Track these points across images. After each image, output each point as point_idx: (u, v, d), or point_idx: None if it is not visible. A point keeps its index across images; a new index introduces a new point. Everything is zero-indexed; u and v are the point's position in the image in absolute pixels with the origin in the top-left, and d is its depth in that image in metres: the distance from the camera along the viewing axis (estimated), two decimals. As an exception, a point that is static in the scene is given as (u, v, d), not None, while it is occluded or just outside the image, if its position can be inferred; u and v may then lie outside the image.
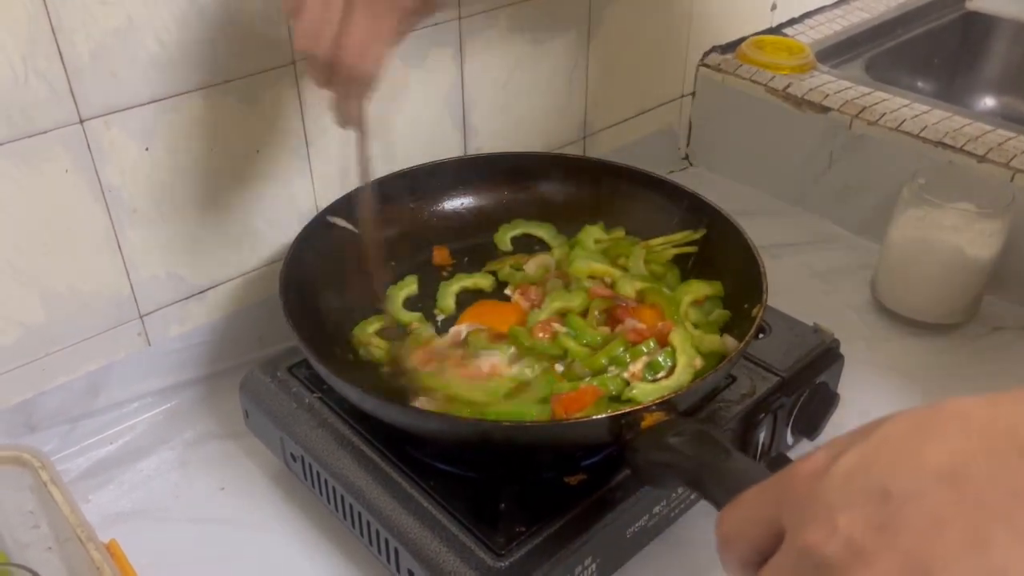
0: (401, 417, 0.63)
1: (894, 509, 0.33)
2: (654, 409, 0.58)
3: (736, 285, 0.75)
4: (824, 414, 0.74)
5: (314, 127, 0.81)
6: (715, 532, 0.42)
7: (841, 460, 0.36)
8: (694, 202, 0.81)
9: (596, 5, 0.99)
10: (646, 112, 1.14)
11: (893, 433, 0.36)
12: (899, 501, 0.33)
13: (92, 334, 0.75)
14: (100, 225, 0.71)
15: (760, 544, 0.39)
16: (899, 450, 0.35)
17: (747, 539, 0.40)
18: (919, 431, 0.36)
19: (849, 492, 0.35)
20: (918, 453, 0.34)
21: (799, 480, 0.38)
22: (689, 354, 0.69)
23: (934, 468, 0.34)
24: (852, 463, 0.36)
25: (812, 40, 1.20)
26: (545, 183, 0.88)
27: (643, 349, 0.69)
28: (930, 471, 0.34)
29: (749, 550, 0.40)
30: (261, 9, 0.73)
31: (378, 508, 0.62)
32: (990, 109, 1.36)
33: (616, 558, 0.64)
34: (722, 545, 0.41)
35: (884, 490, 0.34)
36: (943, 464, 0.34)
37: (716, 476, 0.51)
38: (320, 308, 0.74)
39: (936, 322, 0.91)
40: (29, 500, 0.63)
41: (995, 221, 0.85)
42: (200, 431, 0.80)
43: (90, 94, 0.66)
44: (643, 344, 0.70)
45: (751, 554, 0.40)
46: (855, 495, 0.35)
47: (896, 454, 0.35)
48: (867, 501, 0.34)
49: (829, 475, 0.36)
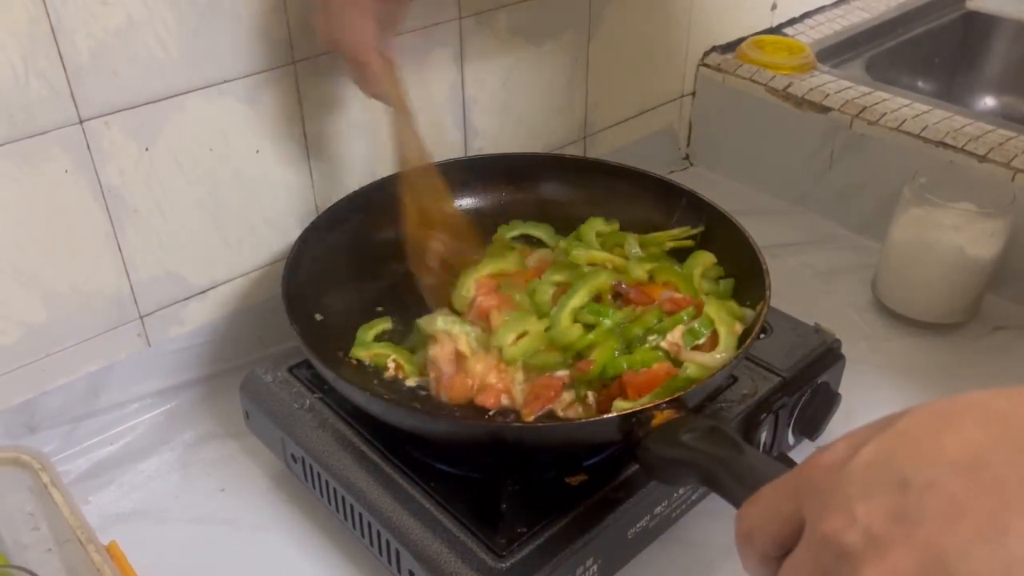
0: (408, 420, 0.63)
1: (912, 499, 0.34)
2: (664, 407, 0.57)
3: (738, 285, 0.75)
4: (825, 414, 0.74)
5: (314, 127, 0.81)
6: (735, 528, 0.42)
7: (862, 452, 0.36)
8: (694, 202, 0.81)
9: (596, 5, 0.99)
10: (646, 112, 1.14)
11: (912, 425, 0.37)
12: (917, 491, 0.34)
13: (92, 334, 0.75)
14: (100, 225, 0.71)
15: (781, 538, 0.39)
16: (918, 441, 0.36)
17: (767, 533, 0.40)
18: (937, 422, 0.36)
19: (868, 482, 0.35)
20: (936, 444, 0.35)
21: (819, 472, 0.38)
22: (728, 322, 0.68)
23: (952, 458, 0.34)
24: (872, 454, 0.36)
25: (812, 40, 1.20)
26: (544, 184, 0.88)
27: (683, 317, 0.69)
28: (948, 461, 0.34)
29: (770, 544, 0.40)
30: (261, 9, 0.73)
31: (379, 509, 0.62)
32: (990, 109, 1.36)
33: (618, 559, 0.64)
34: (742, 541, 0.41)
35: (903, 480, 0.34)
36: (961, 454, 0.34)
37: (731, 472, 0.50)
38: (321, 310, 0.74)
39: (937, 322, 0.91)
40: (29, 501, 0.63)
41: (996, 221, 0.85)
42: (200, 432, 0.80)
43: (90, 94, 0.66)
44: (683, 312, 0.69)
45: (772, 548, 0.40)
46: (874, 485, 0.35)
47: (915, 445, 0.35)
48: (886, 491, 0.34)
49: (849, 466, 0.36)
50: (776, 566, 0.39)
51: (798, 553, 0.37)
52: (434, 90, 0.89)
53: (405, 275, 0.80)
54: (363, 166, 0.86)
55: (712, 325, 0.68)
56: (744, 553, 0.42)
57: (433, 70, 0.88)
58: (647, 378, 0.64)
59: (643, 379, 0.64)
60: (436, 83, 0.89)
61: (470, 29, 0.88)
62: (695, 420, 0.56)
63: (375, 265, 0.81)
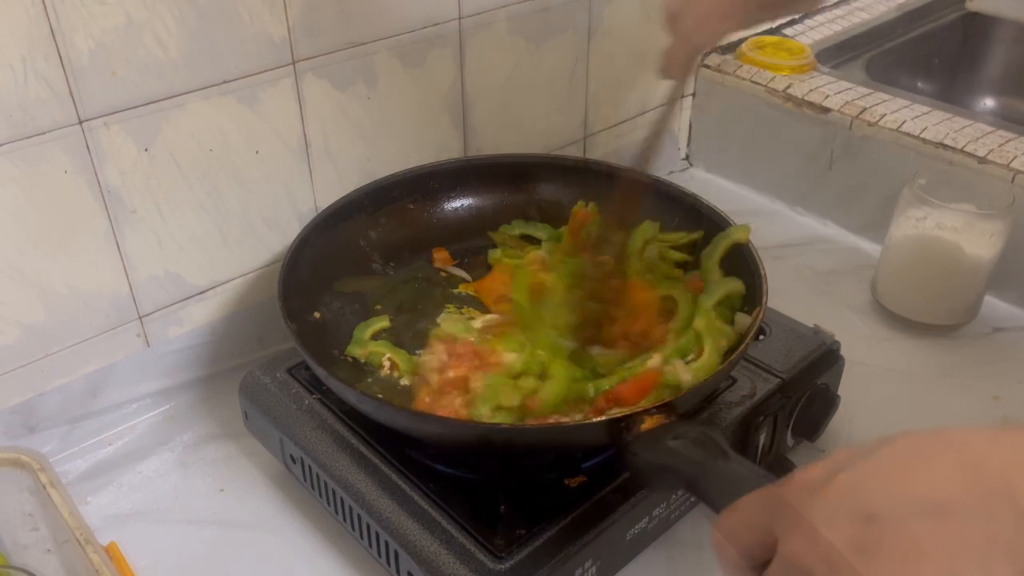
0: (399, 419, 0.63)
1: (876, 534, 0.34)
2: (654, 411, 0.57)
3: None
4: (825, 416, 0.74)
5: (313, 128, 0.81)
6: (712, 535, 0.43)
7: (838, 477, 0.37)
8: (693, 203, 0.80)
9: (596, 5, 0.99)
10: (646, 113, 1.14)
11: (889, 457, 0.37)
12: (881, 526, 0.34)
13: (91, 335, 0.75)
14: (99, 225, 0.71)
15: (754, 550, 0.40)
16: (891, 475, 0.36)
17: (742, 544, 0.40)
18: (914, 458, 0.37)
19: (837, 510, 0.36)
20: (909, 481, 0.35)
21: (794, 492, 0.39)
22: (715, 336, 0.68)
23: (921, 498, 0.34)
24: (846, 481, 0.37)
25: (812, 41, 1.20)
26: (544, 185, 0.88)
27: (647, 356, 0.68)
28: (916, 501, 0.35)
29: (744, 555, 0.40)
30: (261, 9, 0.73)
31: (377, 510, 0.62)
32: (990, 110, 1.36)
33: (616, 561, 0.64)
34: (717, 549, 0.42)
35: (870, 514, 0.35)
36: (931, 496, 0.34)
37: (714, 480, 0.51)
38: (318, 309, 0.74)
39: (937, 323, 0.91)
40: (28, 502, 0.63)
41: (996, 222, 0.85)
42: (199, 432, 0.80)
43: (90, 94, 0.66)
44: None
45: (746, 558, 0.40)
46: (841, 514, 0.36)
47: (888, 479, 0.36)
48: (852, 521, 0.35)
49: (823, 490, 0.37)
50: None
51: (771, 569, 0.38)
52: (434, 90, 0.89)
53: (404, 275, 0.80)
54: (362, 167, 0.86)
55: (700, 342, 0.69)
56: (719, 560, 0.42)
57: (433, 70, 0.88)
58: (639, 384, 0.64)
59: (634, 386, 0.64)
60: (436, 83, 0.89)
61: (470, 29, 0.88)
62: (683, 426, 0.56)
63: (374, 265, 0.81)
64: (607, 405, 0.64)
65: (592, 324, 0.71)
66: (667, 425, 0.57)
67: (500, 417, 0.63)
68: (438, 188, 0.86)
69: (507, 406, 0.64)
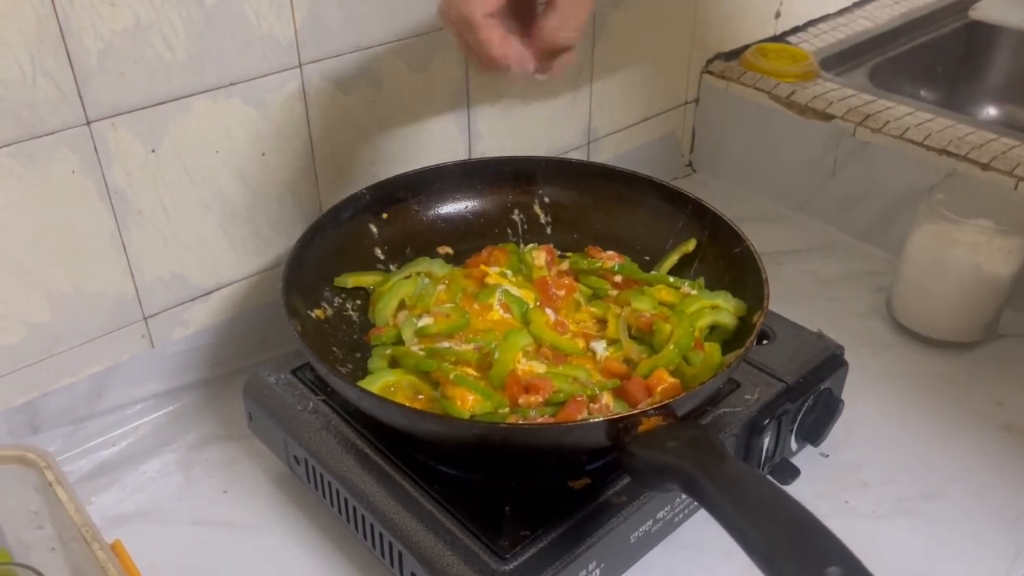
0: (398, 417, 0.62)
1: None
2: (652, 413, 0.57)
3: (739, 293, 0.75)
4: (828, 420, 0.74)
5: (318, 131, 0.81)
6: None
7: None
8: (696, 208, 0.81)
9: (600, 11, 1.00)
10: (650, 118, 1.14)
11: None
12: None
13: (96, 335, 0.75)
14: (106, 226, 0.71)
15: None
16: None
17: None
18: None
19: None
20: None
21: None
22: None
23: None
24: None
25: (816, 48, 1.21)
26: (548, 187, 0.88)
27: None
28: None
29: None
30: (268, 11, 0.73)
31: (381, 511, 0.62)
32: (993, 118, 1.36)
33: (620, 563, 0.64)
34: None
35: None
36: None
37: (712, 481, 0.51)
38: (321, 308, 0.74)
39: (954, 340, 0.89)
40: (34, 500, 0.63)
41: (1015, 238, 0.83)
42: (203, 433, 0.80)
43: (98, 95, 0.67)
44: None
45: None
46: None
47: None
48: None
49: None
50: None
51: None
52: (438, 93, 0.89)
53: (406, 272, 0.80)
54: (368, 169, 0.86)
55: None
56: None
57: (438, 74, 0.88)
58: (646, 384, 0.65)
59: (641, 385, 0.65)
60: (440, 86, 0.89)
61: (475, 34, 0.89)
62: (682, 428, 0.56)
63: (377, 264, 0.81)
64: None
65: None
66: (666, 427, 0.56)
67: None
68: (442, 190, 0.85)
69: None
